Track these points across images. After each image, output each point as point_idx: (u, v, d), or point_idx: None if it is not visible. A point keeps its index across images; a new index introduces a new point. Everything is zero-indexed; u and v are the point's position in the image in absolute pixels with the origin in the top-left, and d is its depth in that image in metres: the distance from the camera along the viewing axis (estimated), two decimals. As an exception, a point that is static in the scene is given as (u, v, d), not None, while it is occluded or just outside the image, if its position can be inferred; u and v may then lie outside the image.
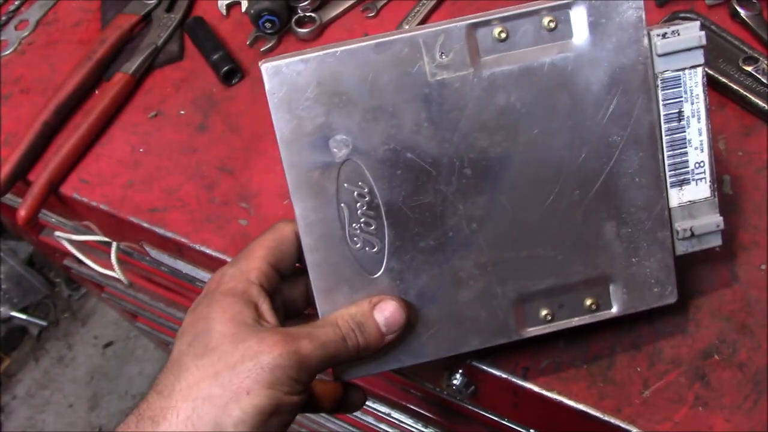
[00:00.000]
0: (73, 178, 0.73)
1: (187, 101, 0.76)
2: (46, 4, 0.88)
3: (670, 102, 0.48)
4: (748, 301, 0.55)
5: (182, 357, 0.46)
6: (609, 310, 0.51)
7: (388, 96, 0.46)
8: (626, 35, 0.47)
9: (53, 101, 0.76)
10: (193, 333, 0.47)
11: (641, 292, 0.51)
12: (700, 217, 0.50)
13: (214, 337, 0.46)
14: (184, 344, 0.47)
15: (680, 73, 0.48)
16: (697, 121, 0.49)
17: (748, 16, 0.67)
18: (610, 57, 0.47)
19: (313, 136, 0.47)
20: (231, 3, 0.83)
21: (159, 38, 0.80)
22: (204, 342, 0.46)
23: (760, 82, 0.63)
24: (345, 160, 0.47)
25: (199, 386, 0.44)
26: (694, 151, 0.49)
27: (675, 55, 0.48)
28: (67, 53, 0.83)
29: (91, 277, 1.05)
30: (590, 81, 0.47)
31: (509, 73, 0.47)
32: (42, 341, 2.04)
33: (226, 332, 0.46)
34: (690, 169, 0.50)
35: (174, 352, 0.48)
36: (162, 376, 0.47)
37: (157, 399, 0.45)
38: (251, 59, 0.78)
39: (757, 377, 0.53)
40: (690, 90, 0.48)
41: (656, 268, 0.50)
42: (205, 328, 0.47)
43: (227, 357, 0.45)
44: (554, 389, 0.54)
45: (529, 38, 0.47)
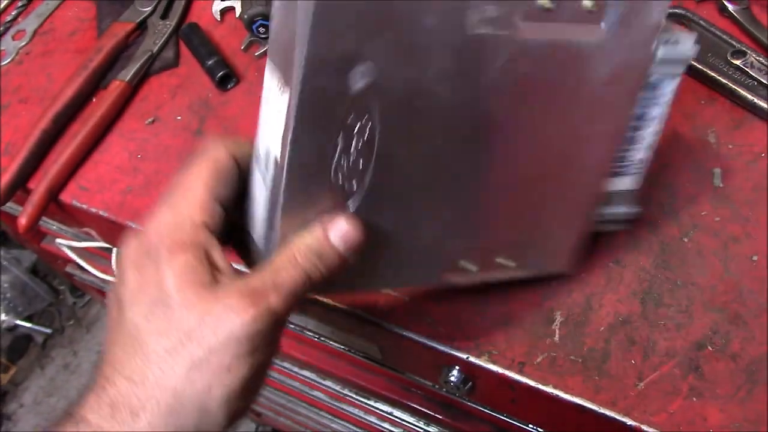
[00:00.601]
0: (73, 185, 0.74)
1: (183, 107, 0.77)
2: (43, 14, 0.89)
3: (643, 104, 0.50)
4: (741, 292, 0.56)
5: (142, 335, 0.42)
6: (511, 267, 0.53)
7: (424, 38, 0.43)
8: (644, 35, 0.47)
9: (51, 110, 0.77)
10: (147, 302, 0.43)
11: (542, 259, 0.53)
12: (617, 201, 0.54)
13: (174, 309, 0.42)
14: (140, 316, 0.43)
15: (662, 79, 0.50)
16: (656, 124, 0.51)
17: (736, 11, 0.68)
18: (623, 52, 0.47)
19: (340, 62, 0.42)
20: (225, 8, 0.84)
21: (154, 45, 0.81)
22: (164, 316, 0.42)
23: (748, 75, 0.64)
24: (361, 92, 0.43)
25: (175, 372, 0.42)
26: (642, 149, 0.52)
27: (666, 65, 0.49)
28: (64, 62, 0.84)
29: (93, 283, 1.06)
30: (599, 70, 0.47)
31: (539, 44, 0.46)
32: (47, 349, 2.05)
33: (185, 302, 0.42)
34: (632, 163, 0.52)
35: (128, 324, 0.43)
36: (125, 357, 0.43)
37: (129, 386, 0.42)
38: (246, 64, 0.79)
39: (750, 367, 0.53)
40: (662, 95, 0.50)
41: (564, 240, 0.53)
42: (160, 298, 0.43)
43: (197, 337, 0.42)
44: (550, 383, 0.55)
45: (570, 15, 0.46)
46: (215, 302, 0.42)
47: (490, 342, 0.57)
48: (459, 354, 0.57)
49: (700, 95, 0.65)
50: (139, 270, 0.44)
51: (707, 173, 0.61)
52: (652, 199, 0.61)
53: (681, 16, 0.69)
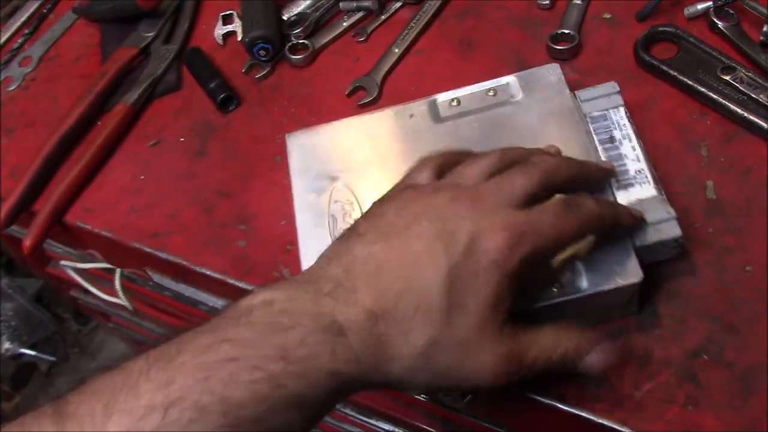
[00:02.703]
0: (77, 206, 0.75)
1: (186, 129, 0.79)
2: (48, 41, 0.91)
3: (601, 131, 0.61)
4: (735, 301, 0.57)
5: (439, 311, 0.46)
6: (573, 290, 0.53)
7: (370, 145, 0.64)
8: (552, 90, 0.63)
9: (56, 134, 0.79)
10: (449, 304, 0.46)
11: (606, 274, 0.53)
12: (651, 211, 0.56)
13: (462, 329, 0.46)
14: (442, 316, 0.46)
15: (605, 112, 0.61)
16: (629, 142, 0.60)
17: (726, 27, 0.69)
18: (541, 105, 0.62)
19: (316, 172, 0.63)
20: (227, 33, 0.85)
21: (157, 69, 0.83)
22: (459, 327, 0.46)
23: (738, 90, 0.65)
24: (336, 185, 0.62)
25: (440, 352, 0.46)
26: (632, 162, 0.59)
27: (595, 101, 0.62)
28: (69, 87, 0.85)
29: (97, 306, 1.07)
30: (529, 120, 0.61)
31: (465, 120, 0.63)
32: (52, 377, 2.05)
33: (473, 327, 0.46)
34: (632, 175, 0.58)
35: (434, 291, 0.46)
36: (411, 322, 0.46)
37: (401, 342, 0.46)
38: (246, 86, 0.80)
39: (745, 375, 0.54)
40: (617, 122, 0.61)
41: (614, 249, 0.54)
42: (461, 306, 0.46)
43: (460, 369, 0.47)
44: (547, 394, 0.56)
45: (477, 103, 0.64)
46: (486, 350, 0.47)
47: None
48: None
49: (692, 110, 0.67)
50: (455, 265, 0.46)
51: (700, 186, 0.62)
52: (647, 212, 0.62)
53: (672, 33, 0.70)
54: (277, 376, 0.43)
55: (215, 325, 0.46)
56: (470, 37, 0.78)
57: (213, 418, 0.42)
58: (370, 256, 0.47)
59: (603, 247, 0.53)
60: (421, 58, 0.78)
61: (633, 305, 0.57)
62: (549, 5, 0.77)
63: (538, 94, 0.63)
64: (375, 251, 0.48)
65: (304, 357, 0.43)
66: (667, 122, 0.66)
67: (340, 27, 0.82)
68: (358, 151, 0.64)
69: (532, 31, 0.76)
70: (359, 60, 0.80)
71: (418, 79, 0.76)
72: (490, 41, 0.77)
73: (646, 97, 0.68)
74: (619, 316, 0.57)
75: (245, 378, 0.42)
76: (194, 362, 0.43)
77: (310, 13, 0.83)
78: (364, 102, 0.75)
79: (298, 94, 0.78)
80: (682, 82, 0.67)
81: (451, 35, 0.79)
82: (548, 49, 0.73)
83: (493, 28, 0.78)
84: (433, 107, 0.65)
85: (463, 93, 0.65)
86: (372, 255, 0.47)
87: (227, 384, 0.42)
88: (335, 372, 0.44)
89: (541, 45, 0.74)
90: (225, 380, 0.42)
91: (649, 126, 0.66)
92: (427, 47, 0.79)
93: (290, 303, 0.46)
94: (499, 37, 0.77)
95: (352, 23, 0.83)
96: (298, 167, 0.64)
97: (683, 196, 0.62)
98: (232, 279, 0.67)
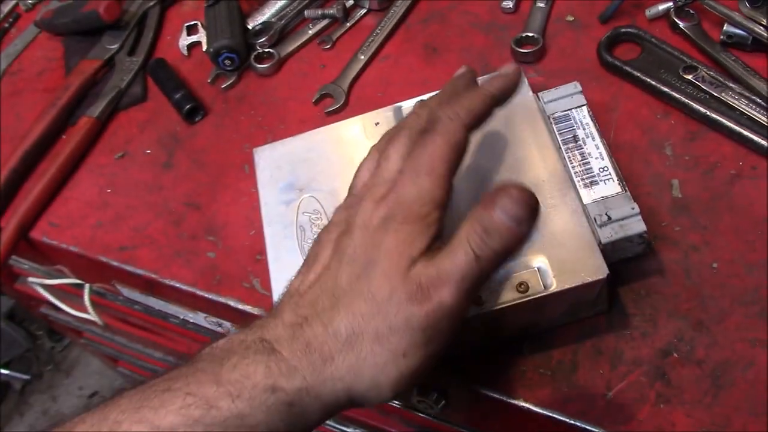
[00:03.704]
0: (43, 222, 0.74)
1: (152, 140, 0.78)
2: (11, 55, 0.90)
3: (565, 131, 0.61)
4: (702, 299, 0.57)
5: (347, 292, 0.46)
6: (540, 289, 0.54)
7: (339, 155, 0.64)
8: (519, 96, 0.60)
9: (20, 148, 0.78)
10: (361, 263, 0.46)
11: (572, 272, 0.53)
12: (616, 208, 0.56)
13: (376, 276, 0.45)
14: (352, 275, 0.46)
15: (568, 112, 0.62)
16: (592, 140, 0.60)
17: (687, 27, 0.70)
18: (504, 108, 0.57)
19: (282, 185, 0.64)
20: (192, 43, 0.85)
21: (122, 81, 0.82)
22: (367, 279, 0.45)
23: (700, 89, 0.65)
24: (304, 197, 0.63)
25: (363, 339, 0.44)
26: (596, 160, 0.59)
27: (558, 101, 0.62)
28: (32, 101, 0.84)
29: (68, 323, 1.06)
30: (492, 123, 0.57)
31: None
32: (26, 395, 2.02)
33: (387, 271, 0.45)
34: (596, 173, 0.58)
35: (341, 276, 0.46)
36: (327, 304, 0.46)
37: (325, 334, 0.45)
38: (213, 96, 0.80)
39: (715, 372, 0.54)
40: (580, 121, 0.61)
41: (578, 247, 0.54)
42: (371, 260, 0.46)
43: (384, 311, 0.44)
44: (520, 397, 0.56)
45: None
46: (405, 283, 0.45)
47: (461, 359, 0.58)
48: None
49: (656, 110, 0.67)
50: (370, 231, 0.47)
51: (666, 185, 0.63)
52: (614, 212, 0.62)
53: (634, 34, 0.71)
54: (209, 399, 0.42)
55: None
56: (435, 43, 0.78)
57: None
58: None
59: (568, 245, 0.54)
60: (388, 64, 0.78)
61: (601, 303, 0.57)
62: (513, 9, 0.78)
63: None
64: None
65: (238, 378, 0.43)
66: (631, 122, 0.67)
67: (305, 35, 0.82)
68: (324, 161, 0.64)
69: (497, 35, 0.77)
70: (325, 67, 0.79)
71: (385, 85, 0.76)
72: (455, 46, 0.77)
73: (610, 98, 0.69)
74: (588, 314, 0.57)
75: (177, 404, 0.42)
76: (131, 399, 0.43)
77: (275, 21, 0.82)
78: (331, 109, 0.75)
79: (265, 102, 0.78)
80: (645, 82, 0.67)
81: (416, 41, 0.79)
82: (513, 53, 0.74)
83: (457, 33, 0.78)
84: (398, 114, 0.65)
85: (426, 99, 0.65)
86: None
87: (158, 410, 0.42)
88: (274, 387, 0.43)
89: (506, 49, 0.74)
90: (156, 407, 0.42)
91: (614, 126, 0.67)
92: (393, 53, 0.79)
93: (227, 341, 0.46)
94: (464, 42, 0.77)
95: (317, 31, 0.83)
96: (266, 180, 0.65)
97: (649, 196, 0.62)
98: (202, 291, 0.66)
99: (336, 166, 0.64)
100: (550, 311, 0.56)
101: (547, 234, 0.55)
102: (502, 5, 0.78)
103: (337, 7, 0.81)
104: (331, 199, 0.61)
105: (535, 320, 0.57)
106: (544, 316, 0.56)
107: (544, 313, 0.56)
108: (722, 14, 0.68)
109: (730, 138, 0.64)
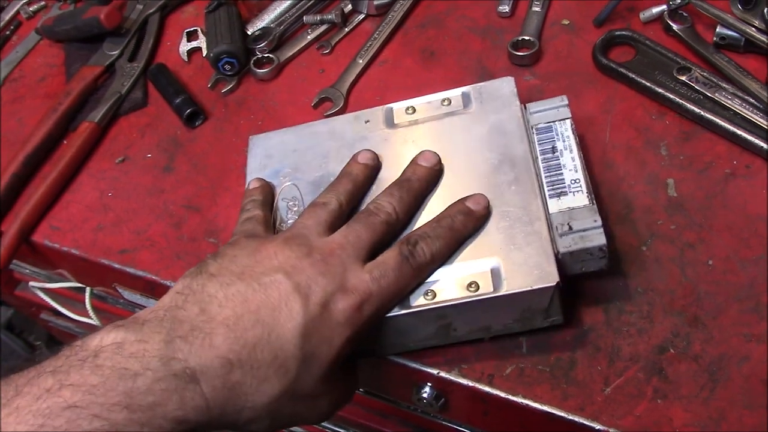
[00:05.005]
0: (44, 225, 0.75)
1: (152, 145, 0.79)
2: (12, 61, 0.91)
3: (545, 141, 0.61)
4: (698, 295, 0.58)
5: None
6: (489, 290, 0.54)
7: (326, 148, 0.66)
8: (502, 101, 0.64)
9: (21, 154, 0.78)
10: (303, 354, 0.49)
11: (522, 277, 0.54)
12: (579, 219, 0.56)
13: (311, 379, 0.50)
14: (298, 365, 0.49)
15: (551, 124, 0.62)
16: (569, 152, 0.60)
17: (680, 30, 0.71)
18: (490, 115, 0.63)
19: (268, 171, 0.67)
20: (192, 49, 0.86)
21: (123, 87, 0.83)
22: (308, 377, 0.50)
23: (694, 89, 0.66)
24: (285, 184, 0.65)
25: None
26: (569, 172, 0.59)
27: (544, 113, 0.63)
28: (34, 107, 0.85)
29: (68, 328, 1.06)
30: (476, 130, 0.63)
31: (417, 127, 0.65)
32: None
33: (320, 376, 0.50)
34: (566, 184, 0.58)
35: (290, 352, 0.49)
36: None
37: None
38: (213, 101, 0.80)
39: (711, 367, 0.54)
40: (562, 133, 0.61)
41: (534, 254, 0.55)
42: (314, 357, 0.50)
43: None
44: (519, 393, 0.56)
45: (432, 111, 0.66)
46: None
47: (460, 356, 0.58)
48: (429, 370, 0.58)
49: (651, 111, 0.68)
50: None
51: (662, 184, 0.64)
52: (610, 210, 0.63)
53: (628, 37, 0.72)
54: (118, 425, 0.42)
55: (59, 365, 0.44)
56: (432, 47, 0.79)
57: None
58: (227, 299, 0.49)
59: (524, 250, 0.55)
60: (385, 69, 0.79)
61: (555, 313, 0.56)
62: (509, 13, 0.79)
63: (489, 105, 0.64)
64: (231, 294, 0.49)
65: (150, 405, 0.43)
66: (627, 123, 0.68)
67: (304, 40, 0.83)
68: (312, 152, 0.66)
69: (493, 39, 0.78)
70: (324, 72, 0.80)
71: (383, 89, 0.77)
72: (452, 50, 0.78)
73: (606, 99, 0.70)
74: (543, 324, 0.57)
75: (84, 427, 0.41)
76: (30, 408, 0.41)
77: (275, 27, 0.83)
78: (330, 113, 0.76)
79: (264, 107, 0.79)
80: (640, 84, 0.68)
81: (413, 45, 0.80)
82: (509, 56, 0.75)
83: (454, 37, 0.79)
84: (388, 114, 0.67)
85: (419, 102, 0.67)
86: (228, 298, 0.49)
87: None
88: (182, 419, 0.44)
89: (503, 52, 0.75)
90: (61, 429, 0.41)
91: (609, 127, 0.67)
92: (390, 57, 0.80)
93: (141, 345, 0.45)
94: (461, 46, 0.78)
95: (316, 36, 0.84)
96: (255, 166, 0.67)
97: (645, 195, 0.63)
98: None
99: (321, 156, 0.66)
100: (502, 315, 0.56)
101: (507, 238, 0.56)
102: (499, 9, 0.79)
103: (335, 12, 0.82)
104: (310, 188, 0.64)
105: (487, 323, 0.57)
106: (496, 319, 0.56)
107: (496, 317, 0.56)
108: (715, 16, 0.69)
109: (724, 137, 0.65)
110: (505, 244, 0.56)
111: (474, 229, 0.57)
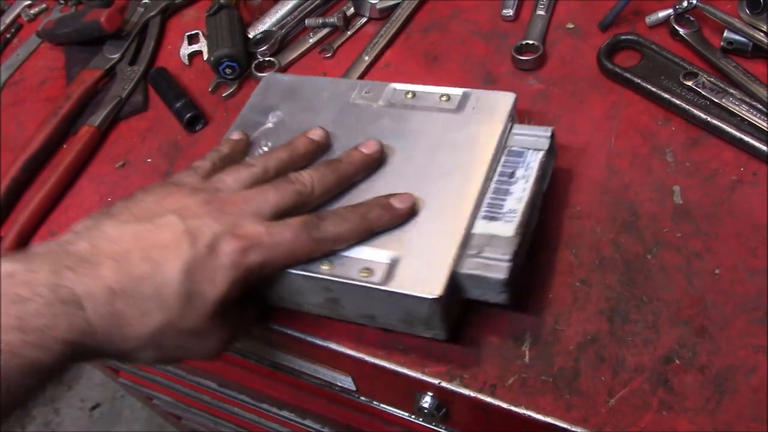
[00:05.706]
0: (43, 230, 0.74)
1: (153, 149, 0.78)
2: (13, 65, 0.91)
3: (508, 165, 0.60)
4: (705, 305, 0.57)
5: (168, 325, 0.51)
6: (378, 281, 0.55)
7: (321, 103, 0.68)
8: (491, 116, 0.63)
9: (21, 157, 0.78)
10: (186, 292, 0.51)
11: (410, 280, 0.54)
12: (494, 248, 0.55)
13: (194, 317, 0.52)
14: (179, 302, 0.51)
15: (525, 150, 0.61)
16: (524, 182, 0.59)
17: (687, 34, 0.70)
18: (473, 124, 0.63)
19: (263, 107, 0.69)
20: (193, 52, 0.85)
21: (123, 91, 0.82)
22: (191, 315, 0.52)
23: (700, 95, 0.65)
24: (270, 125, 0.68)
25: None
26: (512, 201, 0.58)
27: (524, 137, 0.62)
28: (34, 111, 0.85)
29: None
30: (453, 133, 0.63)
31: (408, 112, 0.66)
32: (28, 407, 2.02)
33: (204, 315, 0.53)
34: (503, 212, 0.57)
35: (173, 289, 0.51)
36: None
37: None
38: (214, 105, 0.80)
39: (717, 378, 0.54)
40: (528, 162, 0.60)
41: (433, 263, 0.54)
42: (197, 296, 0.52)
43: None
44: (522, 404, 0.55)
45: (428, 102, 0.66)
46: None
47: (461, 366, 0.57)
48: (431, 380, 0.57)
49: (657, 116, 0.67)
50: None
51: (667, 191, 0.63)
52: (617, 218, 0.62)
53: (634, 41, 0.71)
54: (12, 346, 0.44)
55: None
56: (436, 51, 0.78)
57: None
58: (119, 237, 0.51)
59: (426, 257, 0.55)
60: (388, 72, 0.78)
61: (436, 327, 0.55)
62: (513, 17, 0.78)
63: (478, 115, 0.64)
64: (125, 232, 0.52)
65: (41, 327, 0.45)
66: (632, 129, 0.67)
67: (306, 44, 0.83)
68: (306, 102, 0.69)
69: (497, 43, 0.77)
70: (326, 76, 0.80)
71: (385, 93, 0.76)
72: (455, 54, 0.77)
73: (611, 105, 0.69)
74: (424, 334, 0.57)
75: None
76: None
77: (276, 30, 0.83)
78: (331, 117, 0.75)
79: (266, 111, 0.78)
80: (645, 89, 0.67)
81: (416, 49, 0.79)
82: (513, 60, 0.74)
83: (458, 41, 0.78)
84: (389, 91, 0.68)
85: (421, 89, 0.67)
86: (121, 236, 0.51)
87: None
88: (71, 341, 0.47)
89: (507, 56, 0.75)
90: None
91: (614, 133, 0.66)
92: (393, 61, 0.79)
93: (30, 275, 0.48)
94: (465, 50, 0.77)
95: (318, 40, 0.83)
96: (256, 100, 0.70)
97: (651, 202, 0.62)
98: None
99: (310, 109, 0.68)
100: (386, 309, 0.56)
101: (420, 240, 0.56)
102: (503, 13, 0.78)
103: (337, 15, 0.82)
104: (286, 136, 0.65)
105: (371, 311, 0.57)
106: (380, 312, 0.57)
107: (380, 309, 0.56)
108: (722, 21, 0.68)
109: (731, 144, 0.64)
110: (414, 245, 0.56)
111: (389, 224, 0.57)
